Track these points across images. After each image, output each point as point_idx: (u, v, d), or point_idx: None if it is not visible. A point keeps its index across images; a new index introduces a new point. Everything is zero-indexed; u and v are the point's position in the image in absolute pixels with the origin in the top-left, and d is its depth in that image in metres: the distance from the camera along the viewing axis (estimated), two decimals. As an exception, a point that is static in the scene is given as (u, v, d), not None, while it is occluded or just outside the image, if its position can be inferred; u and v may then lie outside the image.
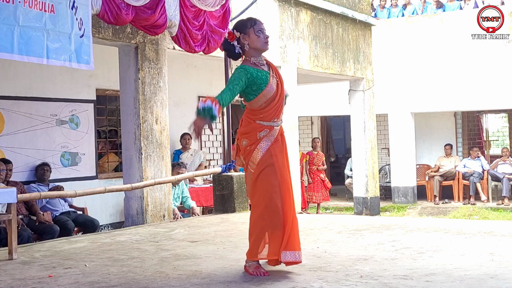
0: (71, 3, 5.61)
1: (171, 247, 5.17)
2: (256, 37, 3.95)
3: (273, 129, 3.98)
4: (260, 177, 3.91)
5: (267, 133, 3.96)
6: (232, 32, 3.98)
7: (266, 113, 3.96)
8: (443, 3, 14.77)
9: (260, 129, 3.95)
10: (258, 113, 3.97)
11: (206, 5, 7.14)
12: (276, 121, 3.99)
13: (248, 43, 3.95)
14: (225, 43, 4.06)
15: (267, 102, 3.95)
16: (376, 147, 12.21)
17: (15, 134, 7.60)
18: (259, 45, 3.97)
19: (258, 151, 3.93)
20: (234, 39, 3.97)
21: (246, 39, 3.94)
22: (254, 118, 3.98)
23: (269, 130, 3.97)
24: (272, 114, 3.97)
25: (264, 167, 3.90)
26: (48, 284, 3.86)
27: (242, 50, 3.98)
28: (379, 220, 6.99)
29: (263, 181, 3.90)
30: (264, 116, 3.96)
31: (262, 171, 3.91)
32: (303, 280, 3.71)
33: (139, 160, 6.98)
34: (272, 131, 3.98)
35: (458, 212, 12.55)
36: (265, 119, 3.96)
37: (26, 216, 6.85)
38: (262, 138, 3.95)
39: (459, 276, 3.69)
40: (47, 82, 8.01)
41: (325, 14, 10.50)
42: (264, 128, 3.96)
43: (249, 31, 3.95)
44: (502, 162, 13.33)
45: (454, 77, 13.35)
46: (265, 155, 3.92)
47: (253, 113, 3.99)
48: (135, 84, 7.01)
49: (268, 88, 3.94)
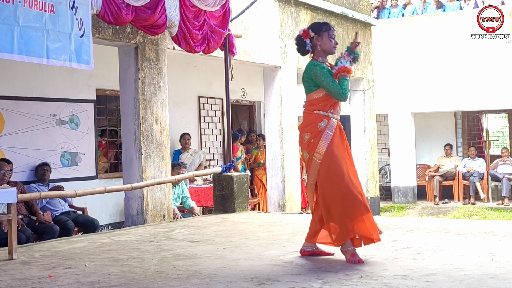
0: (71, 3, 5.61)
1: (171, 247, 5.17)
2: (329, 41, 4.39)
3: (331, 120, 4.26)
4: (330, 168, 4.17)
5: (327, 124, 4.24)
6: (308, 31, 4.38)
7: (323, 102, 4.27)
8: (443, 3, 14.78)
9: (320, 119, 4.26)
10: (316, 102, 4.29)
11: (206, 5, 7.14)
12: (333, 112, 4.29)
13: (320, 45, 4.37)
14: (299, 38, 4.44)
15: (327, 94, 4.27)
16: (376, 147, 12.22)
17: (15, 134, 7.60)
18: (329, 48, 4.40)
19: (323, 141, 4.22)
20: (308, 38, 4.37)
21: (319, 40, 4.37)
22: (312, 108, 4.31)
23: (328, 120, 4.25)
24: (329, 104, 4.27)
25: (332, 159, 4.17)
26: (48, 284, 3.86)
27: (312, 49, 4.40)
28: (379, 220, 6.97)
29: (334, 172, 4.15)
30: (322, 106, 4.27)
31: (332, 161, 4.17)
32: (303, 280, 3.71)
33: (139, 160, 6.98)
34: (331, 122, 4.26)
35: (458, 212, 12.55)
36: (323, 109, 4.27)
37: (26, 216, 6.85)
38: (324, 130, 4.23)
39: (459, 276, 3.69)
40: (47, 82, 8.00)
41: (325, 14, 10.50)
42: (323, 118, 4.26)
43: (324, 34, 4.38)
44: (503, 162, 13.33)
45: (454, 77, 13.35)
46: (330, 147, 4.21)
47: (311, 103, 4.32)
48: (135, 84, 7.02)
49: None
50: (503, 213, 12.22)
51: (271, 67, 9.45)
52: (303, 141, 4.34)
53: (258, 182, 10.95)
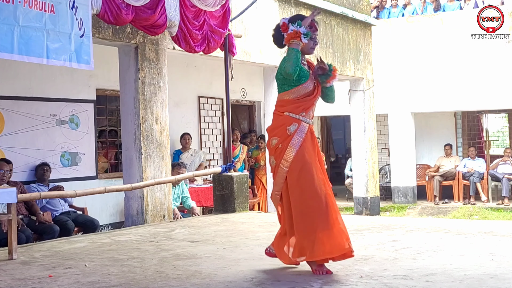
0: (71, 3, 5.61)
1: (171, 247, 5.17)
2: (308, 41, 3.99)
3: (301, 124, 3.93)
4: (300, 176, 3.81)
5: (297, 128, 3.90)
6: (287, 24, 3.98)
7: (295, 104, 3.94)
8: (442, 3, 14.77)
9: (289, 122, 3.91)
10: (287, 103, 3.95)
11: (206, 5, 7.14)
12: (304, 116, 3.95)
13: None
14: (277, 30, 4.10)
15: (300, 96, 3.96)
16: (376, 147, 12.21)
17: (15, 134, 7.60)
18: (307, 48, 4.03)
19: (291, 148, 3.87)
20: (286, 32, 3.98)
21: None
22: (282, 110, 3.97)
23: (298, 124, 3.91)
24: (301, 106, 3.94)
25: (301, 166, 3.82)
26: (48, 284, 3.86)
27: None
28: (379, 220, 6.99)
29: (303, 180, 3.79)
30: (294, 107, 3.93)
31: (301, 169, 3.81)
32: (303, 280, 3.71)
33: (139, 160, 6.98)
34: (301, 127, 3.92)
35: (458, 212, 12.55)
36: (294, 111, 3.93)
37: (26, 216, 6.85)
38: (293, 134, 3.88)
39: (459, 276, 3.69)
40: (47, 82, 8.00)
41: (325, 14, 10.50)
42: (293, 121, 3.91)
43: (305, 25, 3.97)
44: (503, 162, 13.33)
45: (454, 77, 13.35)
46: (299, 153, 3.85)
47: (281, 104, 3.99)
48: (135, 84, 7.01)
49: (307, 84, 3.98)
50: (503, 213, 12.22)
51: (271, 67, 9.45)
52: (271, 146, 3.97)
53: (258, 182, 10.96)
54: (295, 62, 3.85)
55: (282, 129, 3.92)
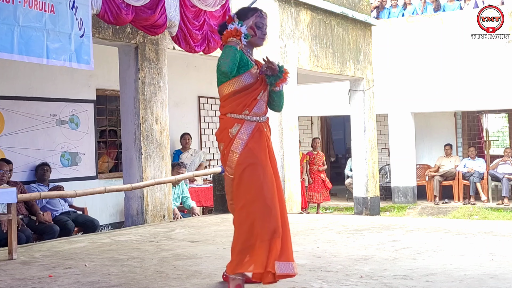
0: (71, 3, 5.61)
1: (171, 247, 5.17)
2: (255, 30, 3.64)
3: (245, 124, 3.51)
4: (241, 181, 3.44)
5: (239, 129, 3.50)
6: (232, 17, 3.65)
7: (235, 101, 3.53)
8: (442, 3, 14.77)
9: (231, 124, 3.51)
10: (228, 103, 3.56)
11: (206, 5, 7.14)
12: (248, 114, 3.53)
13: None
14: (222, 26, 3.70)
15: (239, 89, 3.54)
16: (376, 147, 12.21)
17: (15, 134, 7.60)
18: (254, 39, 3.66)
19: (233, 153, 3.49)
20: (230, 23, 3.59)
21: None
22: (224, 111, 3.58)
23: (241, 124, 3.51)
24: (242, 103, 3.53)
25: (243, 168, 3.44)
26: (48, 284, 3.86)
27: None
28: (379, 220, 6.99)
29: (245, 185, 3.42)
30: (234, 106, 3.52)
31: (243, 173, 3.44)
32: (303, 280, 3.71)
33: (139, 160, 6.98)
34: (245, 127, 3.51)
35: (458, 212, 12.55)
36: (235, 110, 3.52)
37: (26, 216, 6.85)
38: (235, 137, 3.49)
39: (459, 276, 3.69)
40: (47, 82, 8.00)
41: (325, 14, 10.50)
42: (234, 123, 3.51)
43: (248, 22, 3.61)
44: (503, 162, 13.33)
45: (454, 77, 13.35)
46: (242, 155, 3.46)
47: (223, 104, 3.61)
48: (135, 84, 7.02)
49: (247, 74, 3.57)
50: (503, 213, 12.22)
51: (271, 67, 9.43)
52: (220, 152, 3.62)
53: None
54: (232, 60, 3.44)
55: (225, 132, 3.53)
